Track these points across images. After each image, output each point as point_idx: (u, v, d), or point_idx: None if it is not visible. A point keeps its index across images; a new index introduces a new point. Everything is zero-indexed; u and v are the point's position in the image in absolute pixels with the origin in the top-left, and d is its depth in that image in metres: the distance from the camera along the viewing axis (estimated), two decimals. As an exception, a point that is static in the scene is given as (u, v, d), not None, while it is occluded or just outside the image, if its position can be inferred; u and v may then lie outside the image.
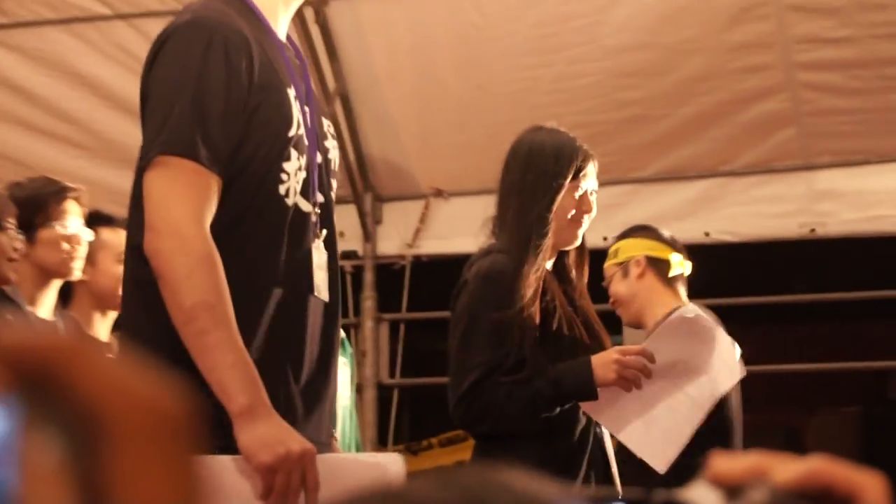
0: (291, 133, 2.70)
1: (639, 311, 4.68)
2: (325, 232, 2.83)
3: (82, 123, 6.85)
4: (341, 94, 6.65)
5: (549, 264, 3.85)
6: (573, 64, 6.46)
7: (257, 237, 2.70)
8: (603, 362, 3.70)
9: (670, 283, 4.74)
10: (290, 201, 2.71)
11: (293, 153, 2.70)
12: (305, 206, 2.75)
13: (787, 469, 0.74)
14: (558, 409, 3.76)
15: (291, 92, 2.73)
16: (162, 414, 0.58)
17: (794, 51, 6.29)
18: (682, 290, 4.78)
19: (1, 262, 4.12)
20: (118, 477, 0.56)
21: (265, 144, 2.67)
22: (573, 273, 3.97)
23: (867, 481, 0.74)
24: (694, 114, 6.51)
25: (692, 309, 3.79)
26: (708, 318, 3.86)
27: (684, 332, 3.83)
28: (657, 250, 4.73)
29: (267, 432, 2.51)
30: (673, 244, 4.80)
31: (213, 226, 2.63)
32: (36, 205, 4.41)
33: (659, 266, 4.71)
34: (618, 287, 4.71)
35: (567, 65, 6.46)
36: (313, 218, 2.78)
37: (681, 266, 4.74)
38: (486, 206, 3.98)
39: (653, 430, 3.80)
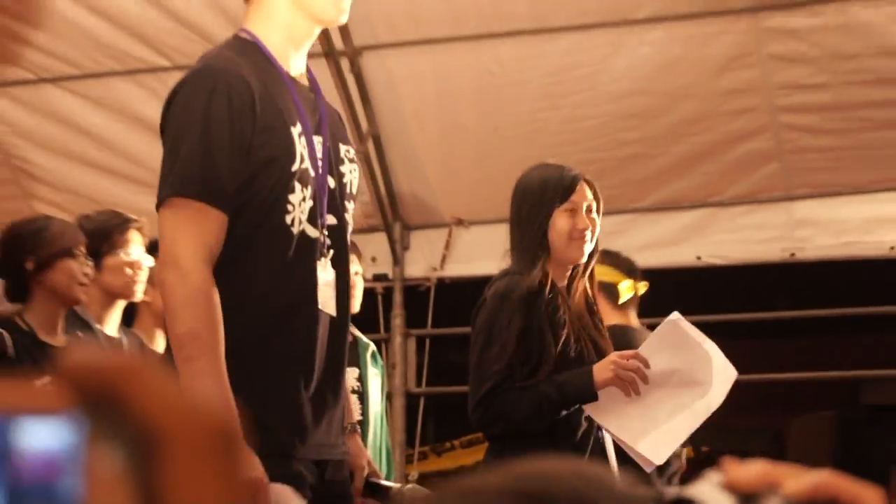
0: (294, 168, 2.69)
1: None
2: (332, 251, 2.81)
3: (143, 162, 6.84)
4: (373, 135, 6.66)
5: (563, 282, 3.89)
6: (578, 108, 6.45)
7: (266, 261, 2.71)
8: (602, 366, 3.73)
9: (621, 307, 4.75)
10: (295, 229, 2.71)
11: (297, 186, 2.69)
12: (312, 231, 2.75)
13: (797, 481, 0.73)
14: (563, 413, 3.77)
15: (296, 129, 2.72)
16: (210, 428, 0.58)
17: (777, 96, 6.28)
18: (633, 314, 4.77)
19: (72, 285, 4.13)
20: (172, 484, 0.56)
21: (270, 180, 2.66)
22: (581, 288, 3.97)
23: (869, 495, 0.73)
24: (687, 151, 6.50)
25: (677, 318, 3.77)
26: (695, 329, 3.80)
27: (671, 338, 3.79)
28: (609, 276, 4.72)
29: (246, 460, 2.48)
30: (628, 270, 4.80)
31: (226, 251, 2.64)
32: (103, 235, 4.42)
33: (609, 291, 4.71)
34: None
35: (573, 109, 6.46)
36: (321, 241, 2.77)
37: (630, 291, 4.73)
38: (502, 234, 4.01)
39: (650, 431, 3.79)
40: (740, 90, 6.29)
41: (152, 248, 4.59)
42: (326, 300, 2.77)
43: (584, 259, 3.91)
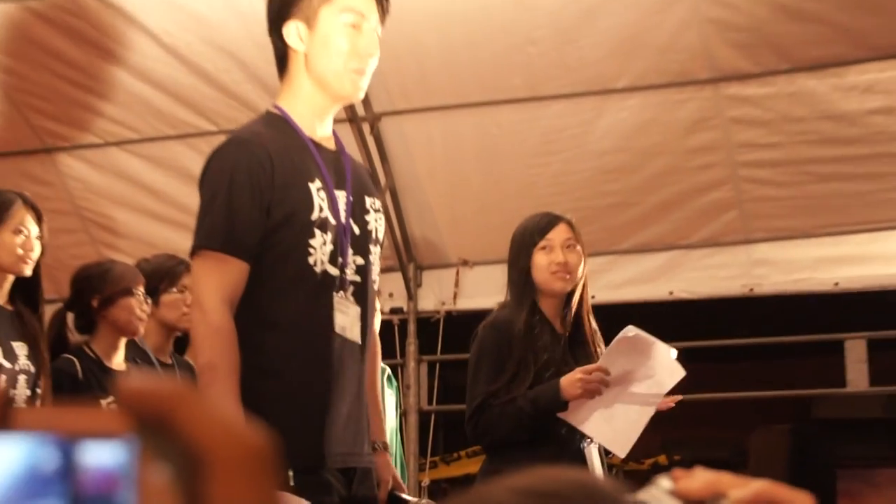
0: (314, 217, 2.71)
1: None
2: (355, 287, 2.81)
3: (193, 212, 6.82)
4: (390, 188, 6.65)
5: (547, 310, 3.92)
6: (567, 164, 6.45)
7: (293, 294, 2.72)
8: (569, 381, 3.71)
9: None
10: (318, 269, 2.73)
11: (317, 232, 2.71)
12: (333, 270, 2.76)
13: (740, 489, 0.72)
14: (540, 423, 3.77)
15: (314, 185, 2.74)
16: (250, 449, 0.57)
17: (736, 153, 6.27)
18: None
19: (132, 319, 4.14)
20: (215, 499, 0.56)
21: (293, 228, 2.69)
22: (567, 315, 3.96)
23: (802, 501, 0.72)
24: (660, 201, 6.49)
25: (632, 329, 3.77)
26: (646, 335, 3.81)
27: (627, 347, 3.78)
28: None
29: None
30: None
31: (262, 286, 2.66)
32: (160, 275, 4.44)
33: None
34: None
35: (562, 164, 6.46)
36: (341, 278, 2.77)
37: None
38: (501, 273, 4.04)
39: (614, 424, 3.81)
40: (705, 148, 6.29)
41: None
42: (350, 328, 2.77)
43: (568, 289, 3.91)
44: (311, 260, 2.70)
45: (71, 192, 6.94)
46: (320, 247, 2.72)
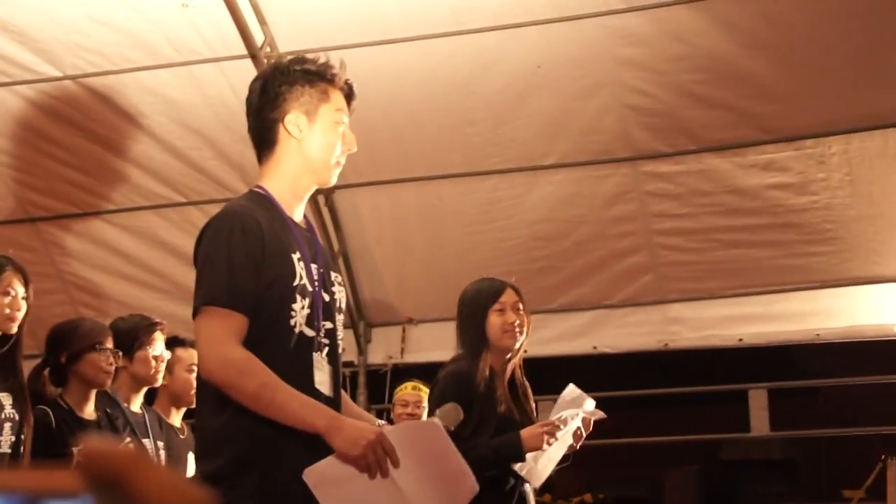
0: (295, 283, 2.70)
1: None
2: (327, 348, 2.79)
3: (166, 276, 6.79)
4: (342, 253, 6.63)
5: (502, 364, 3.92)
6: (502, 232, 6.46)
7: (276, 352, 2.67)
8: (532, 435, 3.72)
9: None
10: (297, 329, 2.70)
11: (298, 297, 2.69)
12: (309, 332, 2.74)
13: None
14: (494, 471, 3.73)
15: (296, 255, 2.73)
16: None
17: (652, 222, 6.31)
18: None
19: (98, 374, 4.09)
20: None
21: (278, 292, 2.66)
22: (515, 371, 3.99)
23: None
24: (584, 265, 6.50)
25: (572, 386, 3.86)
26: (580, 392, 3.91)
27: (568, 403, 3.87)
28: None
29: (348, 435, 2.52)
30: None
31: (246, 344, 2.62)
32: (134, 334, 4.38)
33: None
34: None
35: (497, 232, 6.47)
36: (317, 339, 2.75)
37: None
38: (443, 329, 4.03)
39: (539, 462, 3.82)
40: (623, 218, 6.32)
41: (170, 343, 4.55)
42: (326, 385, 2.74)
43: (517, 346, 3.95)
44: (292, 322, 2.68)
45: (52, 257, 6.85)
46: (300, 310, 2.70)
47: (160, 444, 4.38)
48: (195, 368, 4.59)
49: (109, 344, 4.13)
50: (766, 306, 6.42)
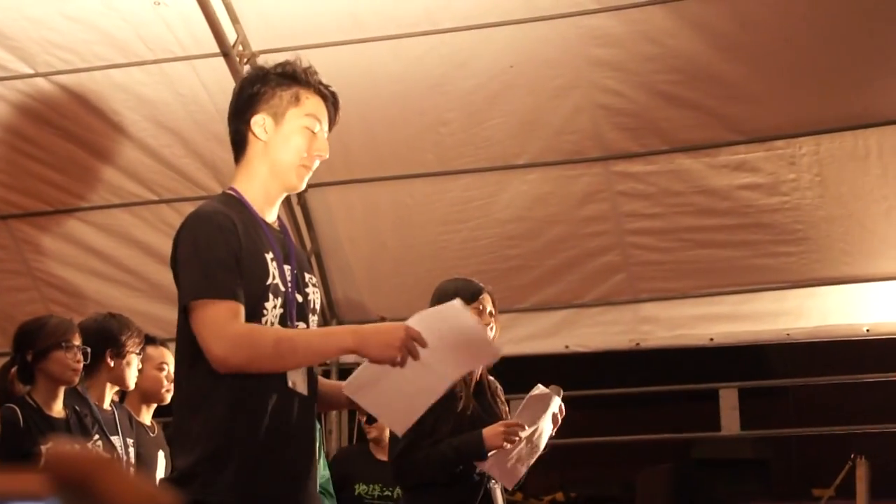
0: (269, 282, 2.69)
1: None
2: None
3: (139, 274, 6.75)
4: (315, 252, 6.61)
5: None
6: (474, 231, 6.45)
7: None
8: (493, 433, 3.75)
9: None
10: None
11: (270, 296, 2.68)
12: None
13: None
14: (460, 468, 3.77)
15: (269, 255, 2.72)
16: None
17: (624, 222, 6.31)
18: None
19: (65, 371, 4.05)
20: None
21: (251, 289, 2.65)
22: (483, 371, 3.99)
23: None
24: (556, 264, 6.50)
25: (540, 388, 3.87)
26: (547, 390, 3.91)
27: (535, 402, 3.87)
28: None
29: (379, 341, 2.55)
30: None
31: None
32: (105, 336, 4.33)
33: None
34: None
35: (470, 231, 6.45)
36: None
37: None
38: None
39: (509, 463, 3.85)
40: (595, 218, 6.32)
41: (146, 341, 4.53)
42: (300, 383, 2.72)
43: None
44: (263, 321, 2.67)
45: (23, 255, 6.79)
46: (272, 309, 2.68)
47: (130, 441, 4.34)
48: (165, 367, 4.57)
49: (77, 341, 4.09)
50: (737, 306, 6.43)
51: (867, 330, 6.27)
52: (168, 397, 4.54)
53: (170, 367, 4.54)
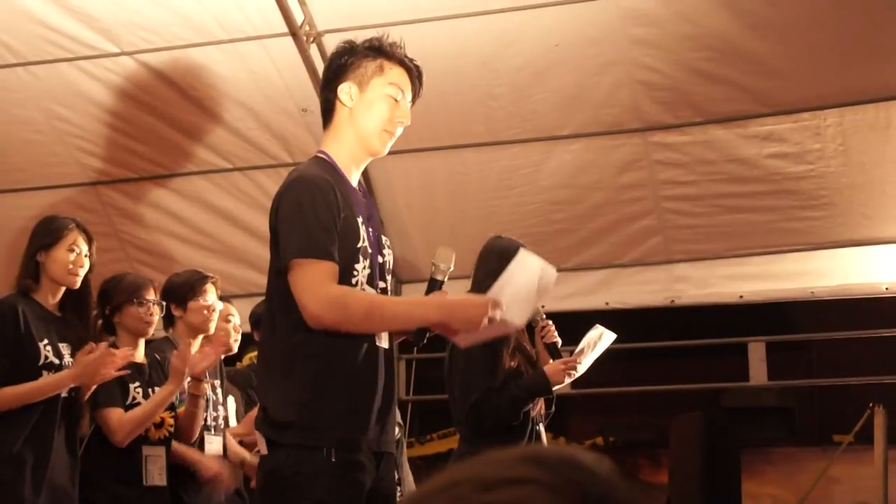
0: (359, 245, 2.72)
1: None
2: None
3: (214, 236, 6.86)
4: (376, 216, 6.67)
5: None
6: (521, 197, 6.49)
7: None
8: (555, 370, 3.87)
9: None
10: (358, 288, 2.72)
11: (360, 258, 2.72)
12: (370, 290, 2.76)
13: None
14: (529, 405, 3.87)
15: (360, 219, 2.75)
16: None
17: (660, 189, 6.33)
18: None
19: (138, 324, 4.17)
20: None
21: (345, 252, 2.68)
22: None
23: None
24: (597, 228, 6.53)
25: (597, 328, 4.14)
26: (604, 330, 4.17)
27: (595, 340, 4.13)
28: None
29: (463, 314, 2.65)
30: None
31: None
32: (188, 286, 4.45)
33: None
34: None
35: (518, 197, 6.50)
36: None
37: None
38: (466, 286, 4.04)
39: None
40: (634, 185, 6.34)
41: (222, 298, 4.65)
42: (382, 336, 2.78)
43: None
44: (354, 281, 2.70)
45: (111, 218, 6.93)
46: (362, 270, 2.72)
47: (217, 383, 4.48)
48: (231, 318, 4.72)
49: (150, 296, 4.20)
50: (765, 266, 6.44)
51: (886, 288, 6.27)
52: (236, 347, 4.69)
53: (235, 319, 4.69)
